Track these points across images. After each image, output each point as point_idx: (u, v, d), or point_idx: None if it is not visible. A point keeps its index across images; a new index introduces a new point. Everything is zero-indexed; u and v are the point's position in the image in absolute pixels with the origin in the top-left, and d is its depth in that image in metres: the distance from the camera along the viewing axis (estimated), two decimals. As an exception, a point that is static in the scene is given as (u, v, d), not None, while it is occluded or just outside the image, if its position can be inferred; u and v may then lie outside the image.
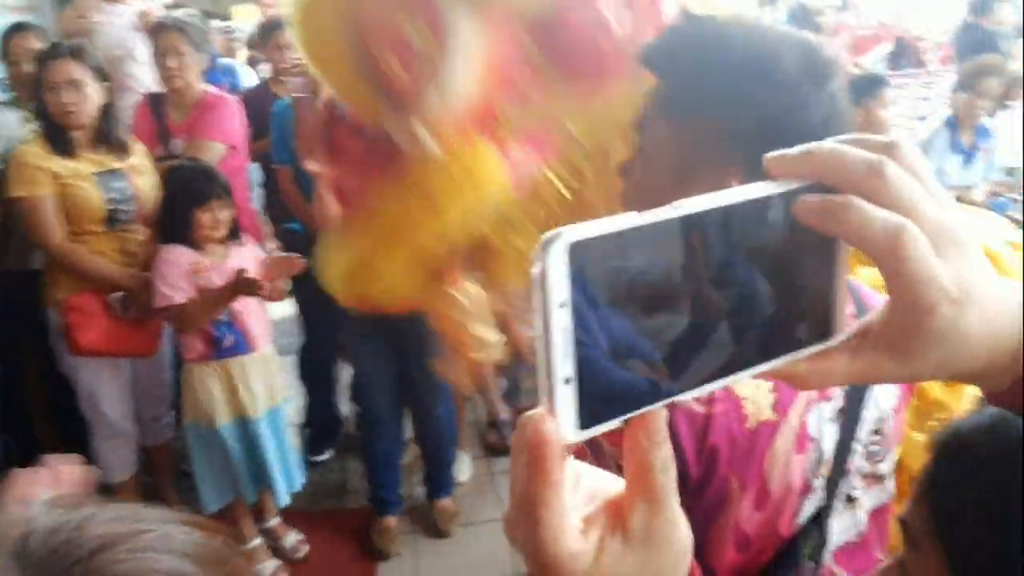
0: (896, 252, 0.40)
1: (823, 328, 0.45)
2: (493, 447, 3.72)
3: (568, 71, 0.82)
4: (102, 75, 2.88)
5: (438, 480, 3.27)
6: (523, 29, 0.82)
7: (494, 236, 0.84)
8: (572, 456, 0.41)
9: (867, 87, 3.55)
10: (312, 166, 2.62)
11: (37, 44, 3.46)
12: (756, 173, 0.87)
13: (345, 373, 3.81)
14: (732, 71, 0.89)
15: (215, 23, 7.17)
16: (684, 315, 0.41)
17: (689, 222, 0.40)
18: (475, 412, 3.90)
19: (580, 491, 0.43)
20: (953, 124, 4.05)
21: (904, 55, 8.30)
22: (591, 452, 0.74)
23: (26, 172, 2.76)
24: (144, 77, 3.95)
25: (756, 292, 0.43)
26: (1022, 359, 0.43)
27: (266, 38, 4.19)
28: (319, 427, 3.78)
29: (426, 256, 0.85)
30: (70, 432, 3.03)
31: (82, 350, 2.83)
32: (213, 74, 4.61)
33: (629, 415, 0.40)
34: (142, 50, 3.97)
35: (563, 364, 0.37)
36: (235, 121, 3.41)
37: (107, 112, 2.89)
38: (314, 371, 3.75)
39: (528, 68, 0.83)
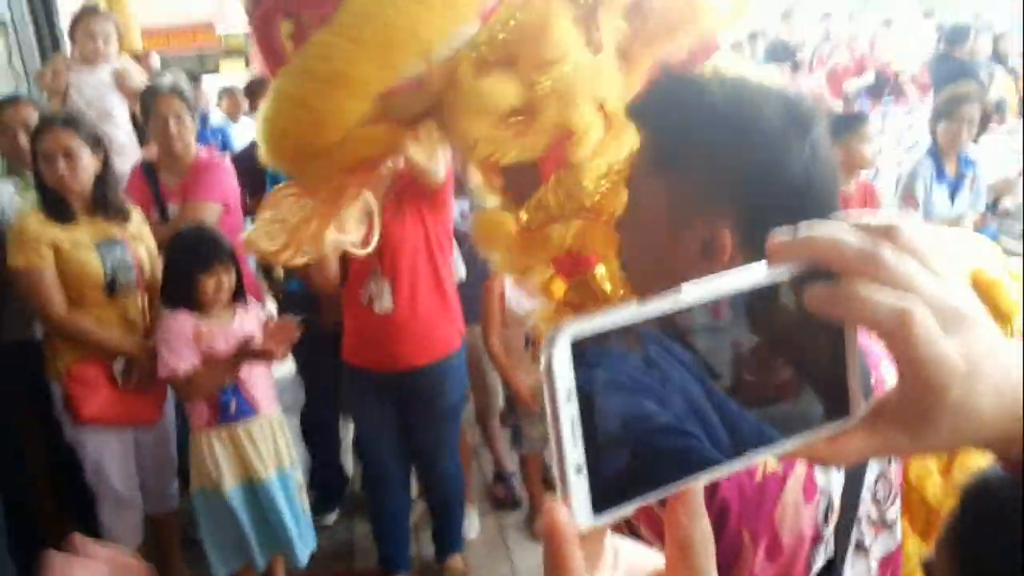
0: (904, 335, 0.40)
1: (839, 407, 0.46)
2: (501, 501, 3.69)
3: None
4: (97, 143, 2.90)
5: (447, 537, 3.23)
6: None
7: (467, 68, 0.77)
8: (609, 531, 0.42)
9: (848, 124, 3.62)
10: None
11: (32, 115, 3.50)
12: (745, 221, 0.89)
13: (349, 431, 3.80)
14: (715, 125, 0.91)
15: (208, 78, 7.20)
16: (696, 400, 0.42)
17: (694, 309, 0.41)
18: (481, 466, 3.88)
19: (619, 567, 0.43)
20: (935, 154, 4.11)
21: (884, 86, 8.43)
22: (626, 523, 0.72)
23: (26, 243, 2.77)
24: (123, 138, 3.99)
25: (768, 374, 0.44)
26: None
27: (255, 93, 4.23)
28: (323, 488, 3.74)
29: (394, 72, 0.73)
30: (74, 503, 3.01)
31: (85, 420, 2.82)
32: (202, 134, 4.66)
33: (644, 500, 0.41)
34: (121, 110, 4.01)
35: (573, 452, 0.38)
36: (228, 181, 3.44)
37: (104, 180, 2.90)
38: (317, 430, 3.72)
39: None
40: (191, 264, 2.74)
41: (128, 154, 3.91)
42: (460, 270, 3.31)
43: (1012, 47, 7.81)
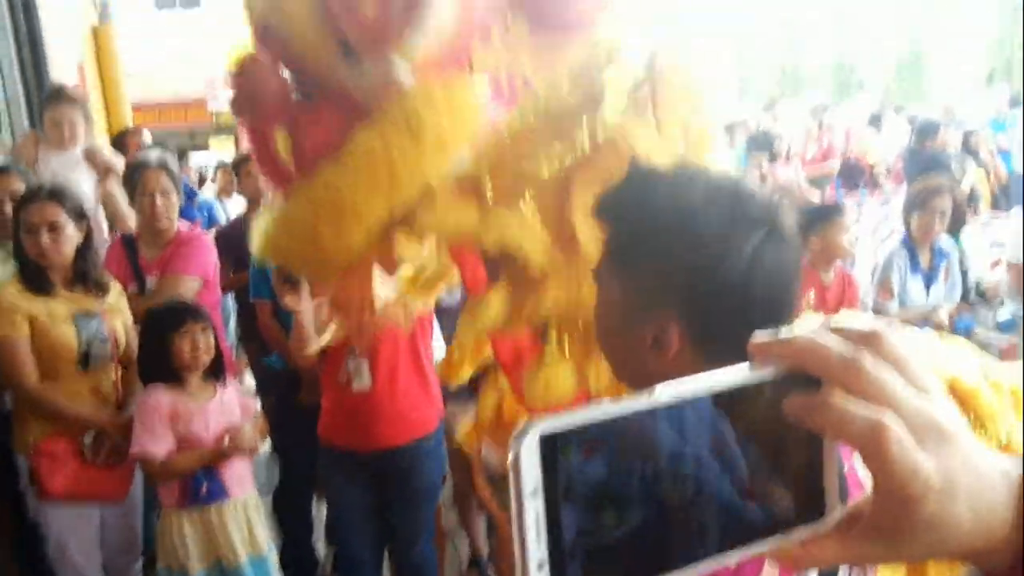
0: (878, 449, 0.40)
1: (814, 509, 0.46)
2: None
3: (535, 20, 0.83)
4: (80, 216, 2.91)
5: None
6: None
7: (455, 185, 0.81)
8: None
9: (825, 215, 3.69)
10: (290, 301, 2.65)
11: (18, 186, 3.51)
12: (690, 318, 0.90)
13: (322, 512, 3.72)
14: (659, 225, 0.95)
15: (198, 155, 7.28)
16: (669, 499, 0.41)
17: (667, 408, 0.41)
18: (456, 550, 3.80)
19: None
20: (909, 245, 4.18)
21: (859, 177, 8.64)
22: None
23: (1, 313, 2.75)
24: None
25: (743, 474, 0.43)
26: (1019, 540, 0.43)
27: (240, 170, 4.28)
28: (294, 570, 3.64)
29: (397, 202, 0.78)
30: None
31: (50, 496, 2.75)
32: (188, 209, 4.68)
33: None
34: (88, 185, 4.02)
35: (536, 550, 0.38)
36: (208, 256, 3.45)
37: (85, 252, 2.90)
38: (290, 510, 3.65)
39: (499, 13, 0.83)
40: (164, 327, 2.73)
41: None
42: (442, 351, 3.30)
43: (982, 142, 8.06)
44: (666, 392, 0.41)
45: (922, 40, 28.26)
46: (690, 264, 0.93)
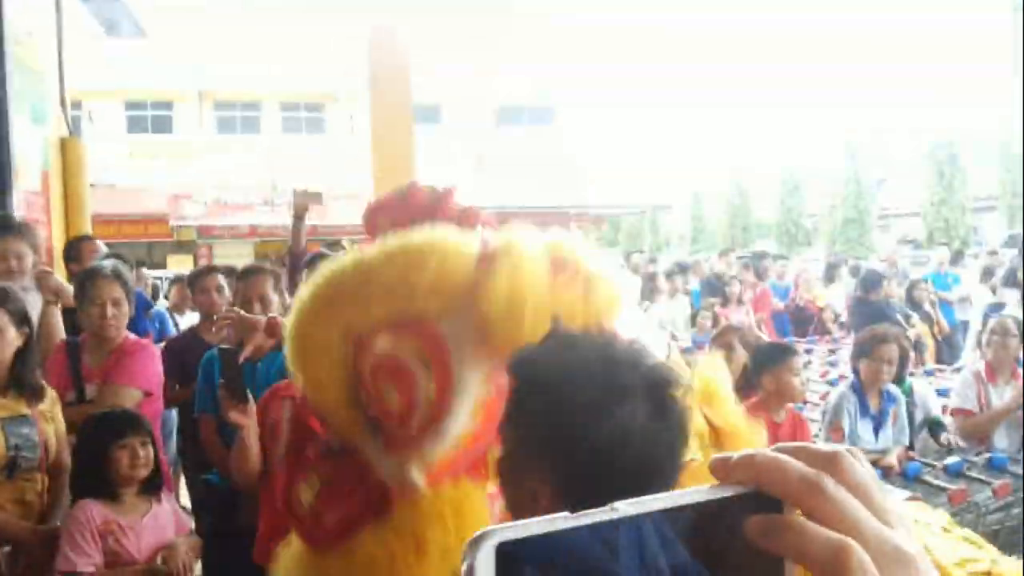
0: (840, 574, 0.39)
1: None
2: None
3: None
4: (23, 320, 2.85)
5: None
6: None
7: None
8: None
9: (777, 355, 3.75)
10: (236, 417, 2.59)
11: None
12: (560, 479, 0.91)
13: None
14: (540, 387, 0.98)
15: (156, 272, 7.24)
16: None
17: (623, 524, 0.40)
18: None
19: None
20: (858, 389, 4.26)
21: (809, 323, 8.86)
22: None
23: (-74, 416, 2.64)
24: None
25: None
26: None
27: (196, 284, 4.26)
28: None
29: None
30: None
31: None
32: (142, 321, 4.61)
33: None
34: (35, 312, 3.93)
35: None
36: (153, 367, 3.38)
37: (24, 357, 2.83)
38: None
39: None
40: (103, 436, 2.65)
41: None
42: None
43: (924, 295, 8.37)
44: (626, 507, 0.40)
45: (865, 198, 29.75)
46: (561, 429, 0.95)
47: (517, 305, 0.83)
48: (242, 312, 3.05)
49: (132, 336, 3.46)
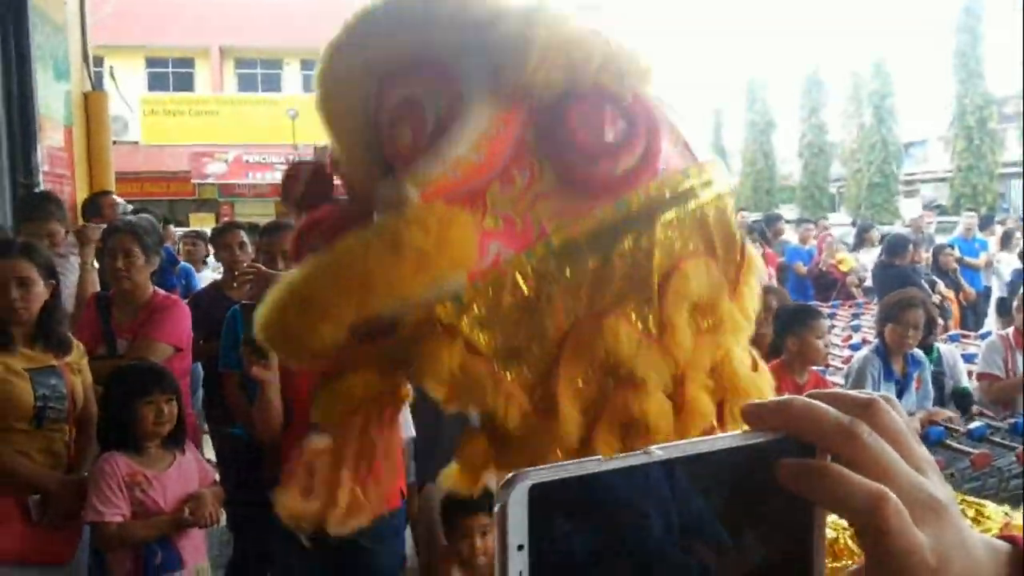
0: (876, 524, 0.39)
1: None
2: None
3: (562, 176, 0.82)
4: (50, 273, 2.88)
5: None
6: (531, 116, 0.82)
7: (442, 312, 0.79)
8: None
9: (802, 318, 3.72)
10: (258, 373, 2.61)
11: (-10, 240, 3.48)
12: None
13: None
14: None
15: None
16: (652, 563, 0.40)
17: (658, 468, 0.40)
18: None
19: None
20: (882, 353, 4.23)
21: (832, 288, 8.79)
22: None
23: (-45, 365, 2.67)
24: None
25: (728, 544, 0.42)
26: None
27: (219, 240, 4.29)
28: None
29: (369, 311, 0.77)
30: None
31: (-9, 557, 2.62)
32: (168, 276, 4.65)
33: None
34: (74, 276, 3.98)
35: None
36: (183, 324, 3.42)
37: (51, 310, 2.86)
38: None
39: (527, 161, 0.83)
40: (130, 392, 2.69)
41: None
42: (409, 428, 3.24)
43: (950, 261, 8.27)
44: (660, 451, 0.40)
45: (892, 163, 29.35)
46: None
47: (528, 45, 0.80)
48: (263, 267, 3.06)
49: (161, 292, 3.49)
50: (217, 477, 3.15)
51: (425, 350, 0.79)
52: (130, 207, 5.52)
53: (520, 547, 0.36)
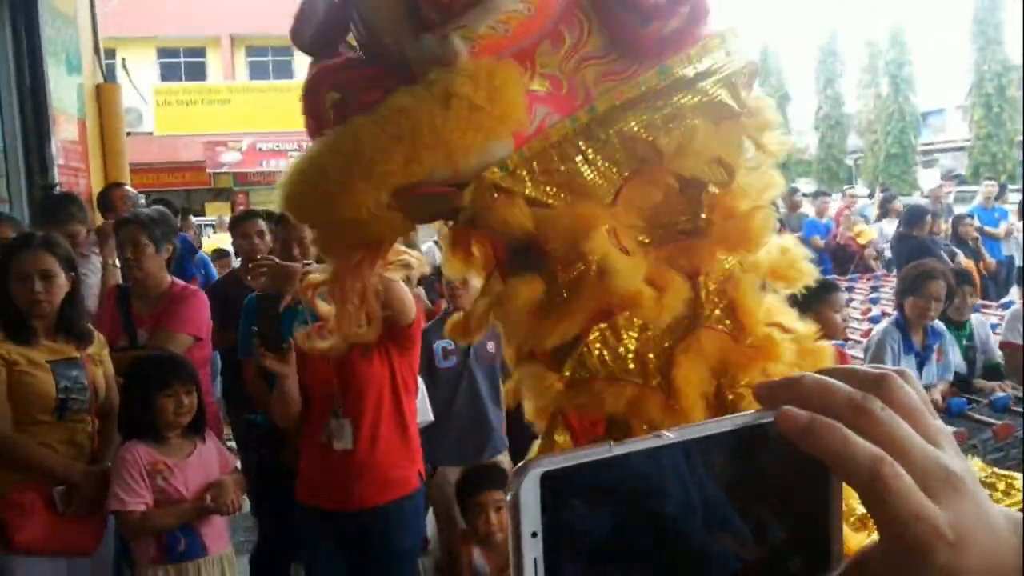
0: (875, 485, 0.39)
1: (819, 562, 0.44)
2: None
3: (614, 39, 0.82)
4: (70, 266, 2.90)
5: None
6: None
7: (493, 177, 0.78)
8: None
9: (820, 292, 3.69)
10: (272, 365, 2.62)
11: (9, 233, 3.51)
12: None
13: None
14: None
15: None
16: (667, 548, 0.40)
17: (669, 452, 0.40)
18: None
19: None
20: (902, 325, 4.19)
21: (851, 260, 8.72)
22: None
23: (-23, 358, 2.70)
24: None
25: (744, 523, 0.42)
26: None
27: (237, 228, 4.31)
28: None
29: (418, 171, 0.75)
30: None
31: (17, 548, 2.66)
32: (188, 265, 4.68)
33: None
34: (96, 277, 4.01)
35: None
36: (202, 313, 3.44)
37: (71, 302, 2.88)
38: (267, 573, 3.52)
39: (577, 19, 0.82)
40: (149, 384, 2.72)
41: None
42: (427, 412, 3.25)
43: (970, 231, 8.18)
44: (671, 434, 0.40)
45: (909, 133, 28.99)
46: None
47: None
48: (277, 260, 3.06)
49: (180, 282, 3.51)
50: (237, 464, 3.18)
51: (489, 213, 0.78)
52: (141, 199, 5.54)
53: (534, 534, 0.36)
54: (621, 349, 0.87)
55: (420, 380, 3.04)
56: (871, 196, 14.05)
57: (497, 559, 3.21)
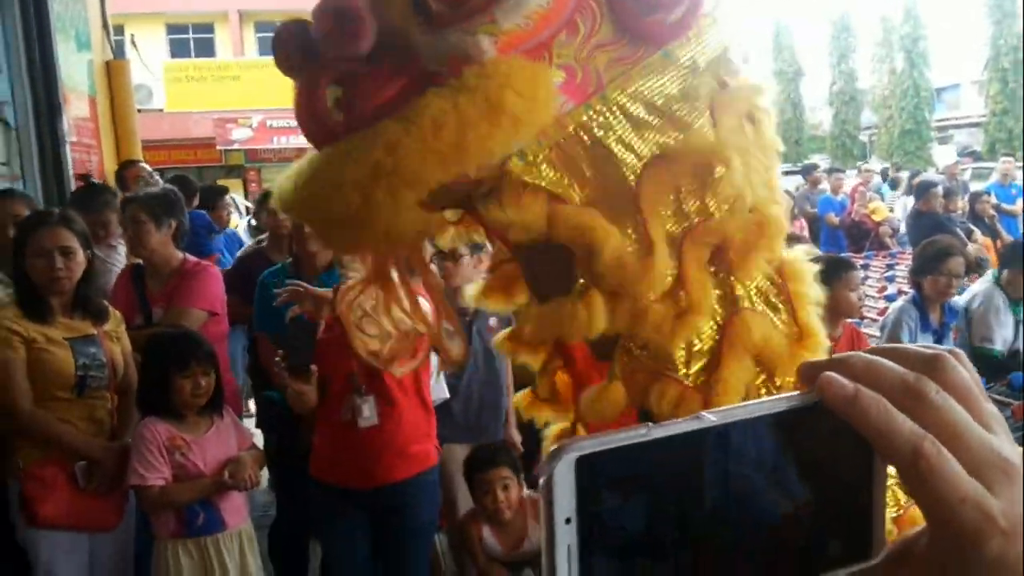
0: (918, 464, 0.37)
1: (861, 546, 0.42)
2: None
3: (619, 25, 0.82)
4: (87, 243, 2.90)
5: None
6: None
7: (516, 168, 0.77)
8: None
9: (836, 270, 3.66)
10: (296, 387, 2.63)
11: (22, 210, 3.51)
12: None
13: (318, 554, 3.63)
14: None
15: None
16: (706, 531, 0.39)
17: (709, 434, 0.38)
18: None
19: None
20: (920, 303, 4.17)
21: (866, 237, 8.67)
22: None
23: (-1, 334, 2.71)
24: None
25: (785, 506, 0.41)
26: None
27: (263, 204, 4.37)
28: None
29: (454, 173, 0.74)
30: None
31: (40, 522, 2.69)
32: (205, 242, 4.70)
33: None
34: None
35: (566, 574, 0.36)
36: (215, 288, 3.44)
37: (87, 279, 2.89)
38: (286, 548, 3.57)
39: (589, 9, 0.82)
40: (167, 364, 2.73)
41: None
42: (443, 390, 3.26)
43: (987, 208, 8.11)
44: (712, 416, 0.39)
45: (924, 108, 28.73)
46: None
47: None
48: (307, 286, 2.99)
49: (192, 258, 3.51)
50: (255, 440, 3.20)
51: (509, 203, 0.78)
52: (156, 176, 5.54)
53: (568, 520, 0.35)
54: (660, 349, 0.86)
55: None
56: (884, 174, 13.93)
57: (507, 538, 3.23)
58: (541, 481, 0.36)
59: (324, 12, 0.79)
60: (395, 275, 0.95)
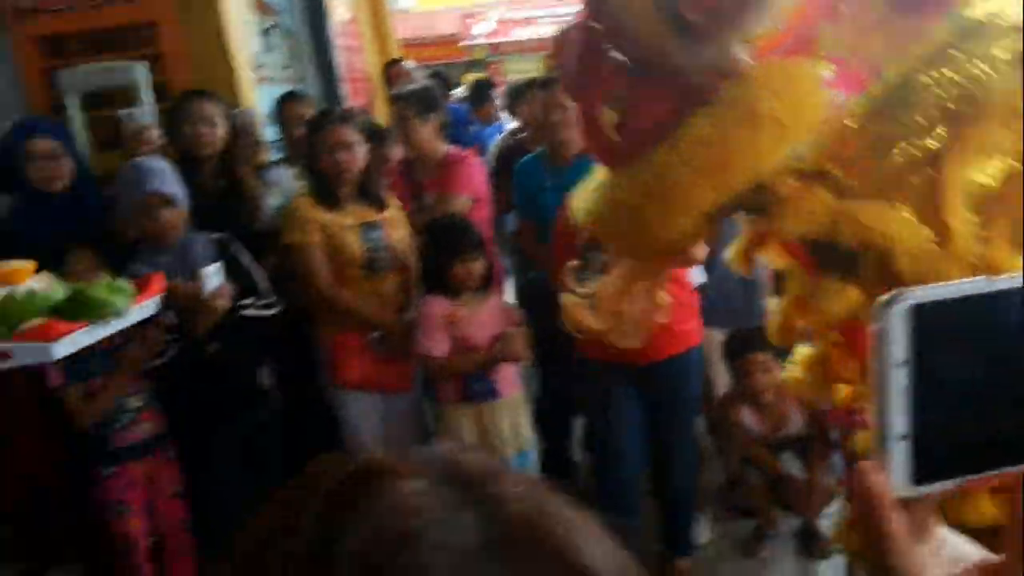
0: None
1: None
2: (732, 510, 3.54)
3: (895, 2, 0.76)
4: (369, 136, 3.13)
5: (677, 538, 3.15)
6: None
7: (783, 175, 0.76)
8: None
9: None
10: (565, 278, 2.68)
11: (307, 110, 3.84)
12: None
13: (578, 426, 3.81)
14: None
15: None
16: None
17: None
18: (711, 472, 3.75)
19: (942, 555, 0.42)
20: None
21: None
22: None
23: (299, 222, 3.04)
24: None
25: None
26: None
27: (520, 97, 4.48)
28: (553, 476, 3.77)
29: (727, 191, 0.75)
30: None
31: (344, 383, 3.07)
32: (463, 134, 4.91)
33: (971, 477, 0.38)
34: None
35: (898, 422, 0.36)
36: (477, 176, 3.61)
37: (369, 170, 3.14)
38: (550, 422, 3.75)
39: None
40: (445, 253, 2.94)
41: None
42: (701, 275, 3.23)
43: None
44: None
45: None
46: None
47: None
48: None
49: (455, 148, 3.69)
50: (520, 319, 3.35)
51: (791, 205, 0.77)
52: (419, 72, 5.79)
53: (901, 364, 0.36)
54: None
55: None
56: None
57: (767, 420, 3.21)
58: (874, 326, 0.36)
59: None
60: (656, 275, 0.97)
